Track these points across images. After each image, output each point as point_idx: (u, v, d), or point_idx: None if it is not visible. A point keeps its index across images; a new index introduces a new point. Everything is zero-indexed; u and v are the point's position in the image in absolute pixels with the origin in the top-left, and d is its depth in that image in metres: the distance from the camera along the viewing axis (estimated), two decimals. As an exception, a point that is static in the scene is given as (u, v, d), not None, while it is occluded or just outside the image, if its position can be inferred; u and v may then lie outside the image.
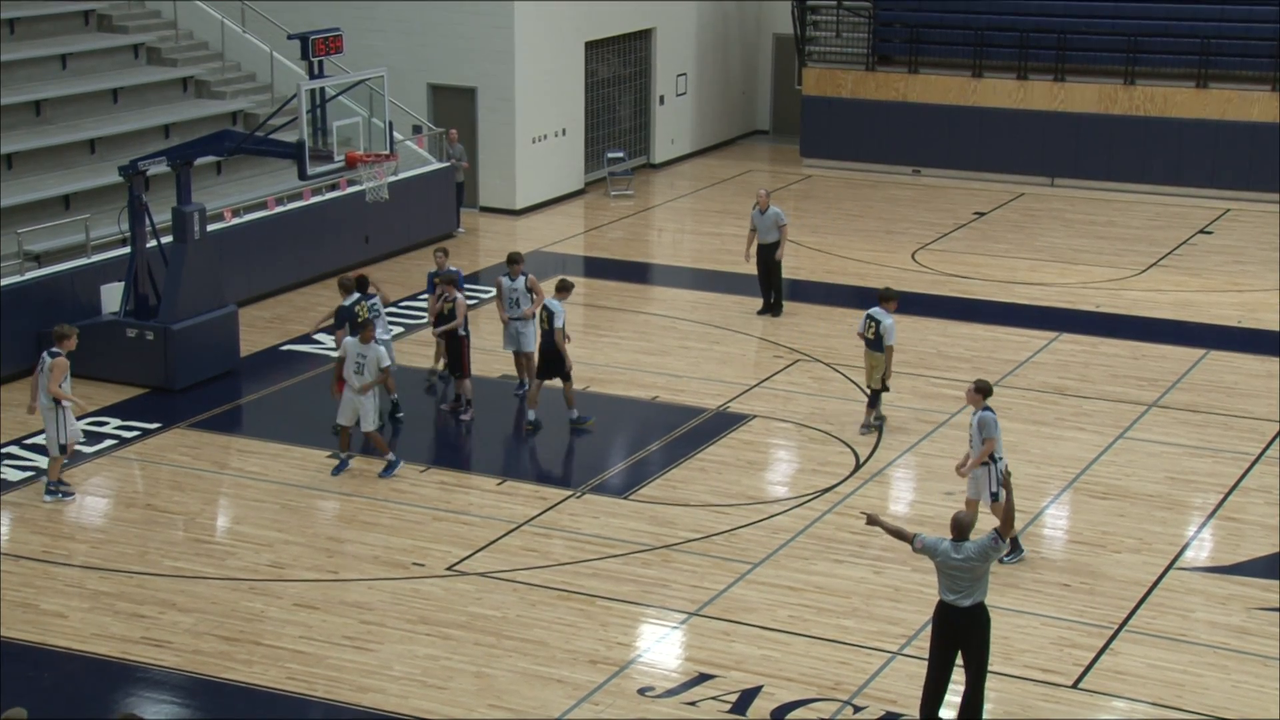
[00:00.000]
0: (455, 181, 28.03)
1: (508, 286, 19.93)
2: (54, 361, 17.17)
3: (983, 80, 32.35)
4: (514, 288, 19.93)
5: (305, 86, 19.96)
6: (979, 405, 15.82)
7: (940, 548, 12.58)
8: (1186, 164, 31.10)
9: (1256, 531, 16.80)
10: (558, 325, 18.93)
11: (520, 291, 19.92)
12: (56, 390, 17.10)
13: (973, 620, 12.63)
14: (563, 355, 19.04)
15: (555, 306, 19.01)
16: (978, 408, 15.83)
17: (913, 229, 28.87)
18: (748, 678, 13.79)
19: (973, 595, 12.59)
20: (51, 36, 26.63)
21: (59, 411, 17.19)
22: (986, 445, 15.61)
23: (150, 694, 13.56)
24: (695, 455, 18.65)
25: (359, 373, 17.71)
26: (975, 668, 12.77)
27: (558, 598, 15.19)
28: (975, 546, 12.51)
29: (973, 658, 12.74)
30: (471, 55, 29.23)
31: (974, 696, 12.81)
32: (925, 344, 22.03)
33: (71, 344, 17.38)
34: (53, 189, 23.30)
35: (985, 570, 12.61)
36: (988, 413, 15.74)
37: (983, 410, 15.77)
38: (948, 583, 12.60)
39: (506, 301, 19.95)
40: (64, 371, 17.17)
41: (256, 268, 23.95)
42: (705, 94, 35.02)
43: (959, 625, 12.63)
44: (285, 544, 16.32)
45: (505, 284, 19.96)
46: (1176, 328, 23.53)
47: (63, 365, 17.18)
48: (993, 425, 15.64)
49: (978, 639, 12.70)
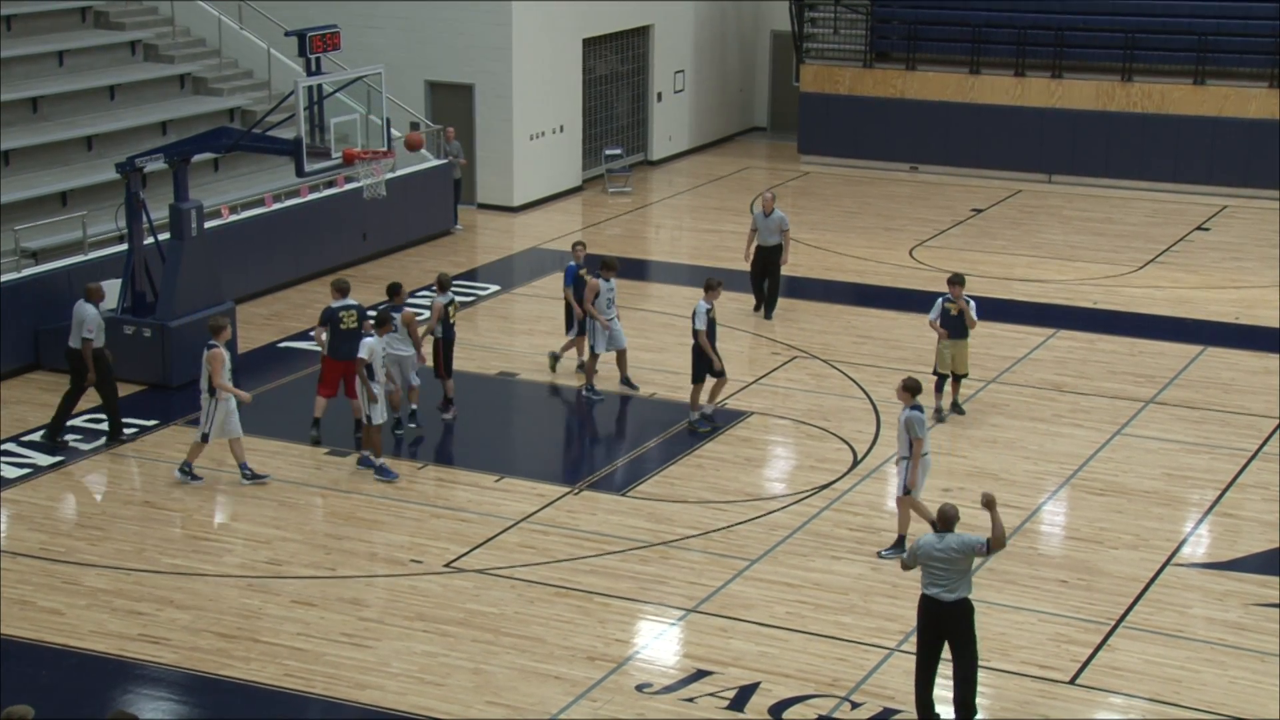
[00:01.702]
0: (453, 178, 28.02)
1: (605, 288, 19.87)
2: (209, 354, 17.18)
3: (980, 77, 32.36)
4: (610, 288, 19.91)
5: (303, 83, 19.96)
6: (907, 403, 15.81)
7: (922, 543, 12.68)
8: (1184, 161, 31.11)
9: (1253, 527, 16.81)
10: (699, 326, 18.79)
11: (615, 293, 20.03)
12: (220, 383, 17.10)
13: (958, 614, 12.70)
14: (708, 355, 18.88)
15: (698, 307, 18.92)
16: (906, 405, 15.82)
17: (910, 226, 28.87)
18: (745, 674, 13.80)
19: (956, 590, 12.64)
20: (49, 33, 26.62)
21: (213, 402, 17.21)
22: (916, 445, 15.63)
23: (148, 691, 13.56)
24: (693, 452, 18.65)
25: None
26: (966, 659, 12.82)
27: (555, 594, 15.20)
28: (957, 539, 12.58)
29: (961, 650, 12.80)
30: (469, 52, 29.23)
31: (968, 686, 12.85)
32: (922, 341, 22.01)
33: (226, 335, 17.38)
34: (50, 186, 23.29)
35: (968, 565, 12.67)
36: (915, 411, 15.73)
37: (910, 409, 15.75)
38: (930, 576, 12.68)
39: (604, 302, 19.88)
40: (221, 363, 17.15)
41: (254, 265, 23.94)
42: (703, 91, 35.01)
43: (944, 619, 12.69)
44: (283, 541, 16.32)
45: (602, 286, 19.88)
46: (1174, 324, 23.54)
47: (219, 357, 17.15)
48: (919, 424, 15.66)
49: (963, 632, 12.77)
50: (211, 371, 17.19)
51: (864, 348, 22.21)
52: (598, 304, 19.88)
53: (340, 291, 18.80)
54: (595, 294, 19.89)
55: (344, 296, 18.75)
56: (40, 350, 20.91)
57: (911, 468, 15.69)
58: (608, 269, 20.07)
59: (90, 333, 18.44)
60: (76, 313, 18.57)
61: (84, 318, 18.45)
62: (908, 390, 15.81)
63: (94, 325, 18.45)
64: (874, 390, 20.50)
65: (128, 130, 25.10)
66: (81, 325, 18.46)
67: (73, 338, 18.61)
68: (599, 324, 19.86)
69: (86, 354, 18.45)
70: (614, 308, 20.08)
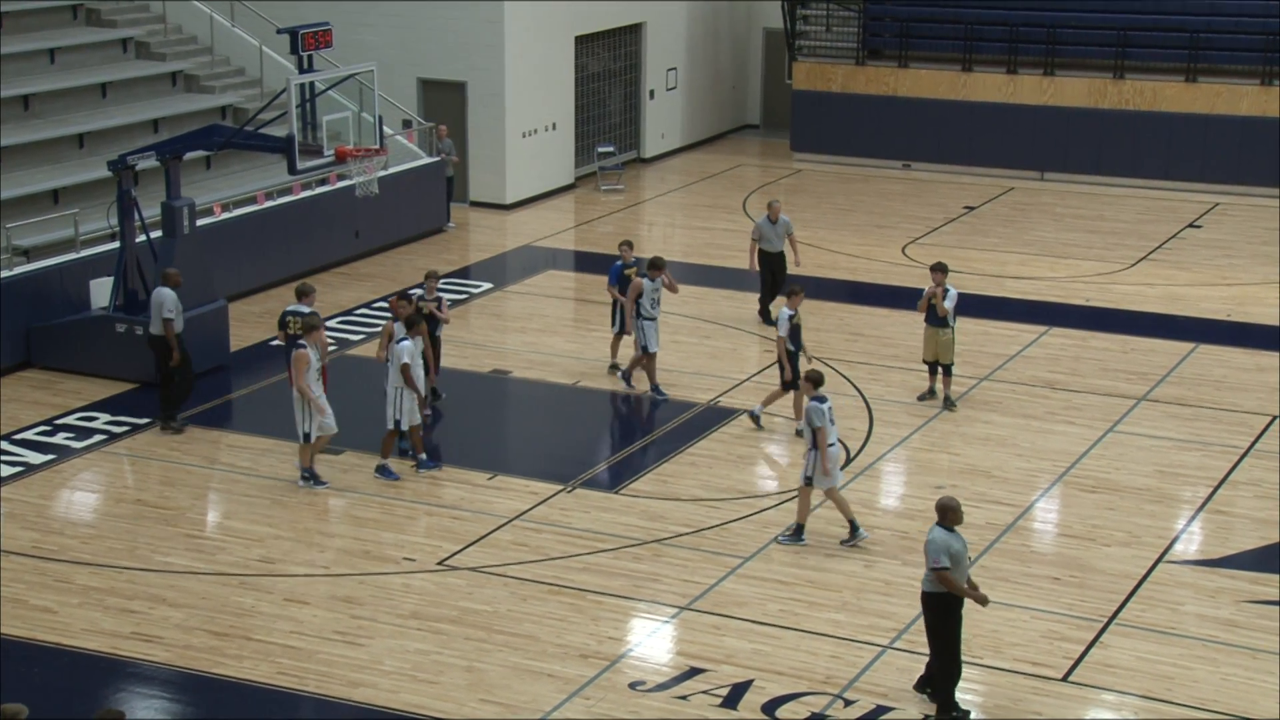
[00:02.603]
0: (445, 176, 28.01)
1: (649, 287, 19.85)
2: (295, 354, 17.10)
3: (972, 74, 32.37)
4: (655, 288, 19.89)
5: (295, 81, 19.95)
6: (810, 394, 16.10)
7: (954, 547, 12.78)
8: (1176, 158, 31.14)
9: (1245, 525, 16.84)
10: (781, 333, 18.75)
11: (661, 292, 20.01)
12: (302, 385, 17.01)
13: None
14: (782, 363, 18.82)
15: (780, 313, 18.85)
16: (809, 397, 16.08)
17: (903, 223, 28.89)
18: (739, 672, 13.80)
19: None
20: (40, 30, 26.58)
21: (305, 400, 17.16)
22: (818, 435, 15.84)
23: (140, 689, 13.55)
24: (686, 450, 18.66)
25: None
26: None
27: (549, 592, 15.19)
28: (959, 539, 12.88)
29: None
30: (461, 50, 29.21)
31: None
32: (915, 338, 22.00)
33: (318, 335, 17.24)
34: (41, 183, 23.26)
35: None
36: (814, 403, 15.97)
37: (811, 400, 16.01)
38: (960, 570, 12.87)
39: (648, 301, 19.83)
40: (305, 364, 17.02)
41: (246, 263, 23.91)
42: (695, 88, 35.01)
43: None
44: (276, 539, 16.31)
45: (646, 285, 19.86)
46: (1166, 321, 23.57)
47: (303, 358, 17.02)
48: (818, 415, 15.87)
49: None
50: (296, 374, 17.05)
51: (856, 345, 22.22)
52: (642, 303, 19.82)
53: (298, 294, 18.63)
54: (639, 293, 19.85)
55: (299, 300, 18.55)
56: (32, 348, 20.88)
57: (820, 458, 15.87)
58: (655, 268, 20.01)
59: (170, 313, 18.74)
60: (155, 298, 18.89)
61: (162, 301, 18.80)
62: (810, 382, 16.18)
63: (173, 307, 18.77)
64: (866, 388, 20.51)
65: (119, 128, 25.07)
66: (160, 309, 18.79)
67: (153, 324, 18.93)
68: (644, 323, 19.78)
69: (170, 335, 18.73)
70: (658, 307, 20.01)
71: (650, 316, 19.93)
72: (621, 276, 20.60)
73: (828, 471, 15.85)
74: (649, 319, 19.94)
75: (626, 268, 20.69)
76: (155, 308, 18.87)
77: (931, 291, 19.61)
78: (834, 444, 15.98)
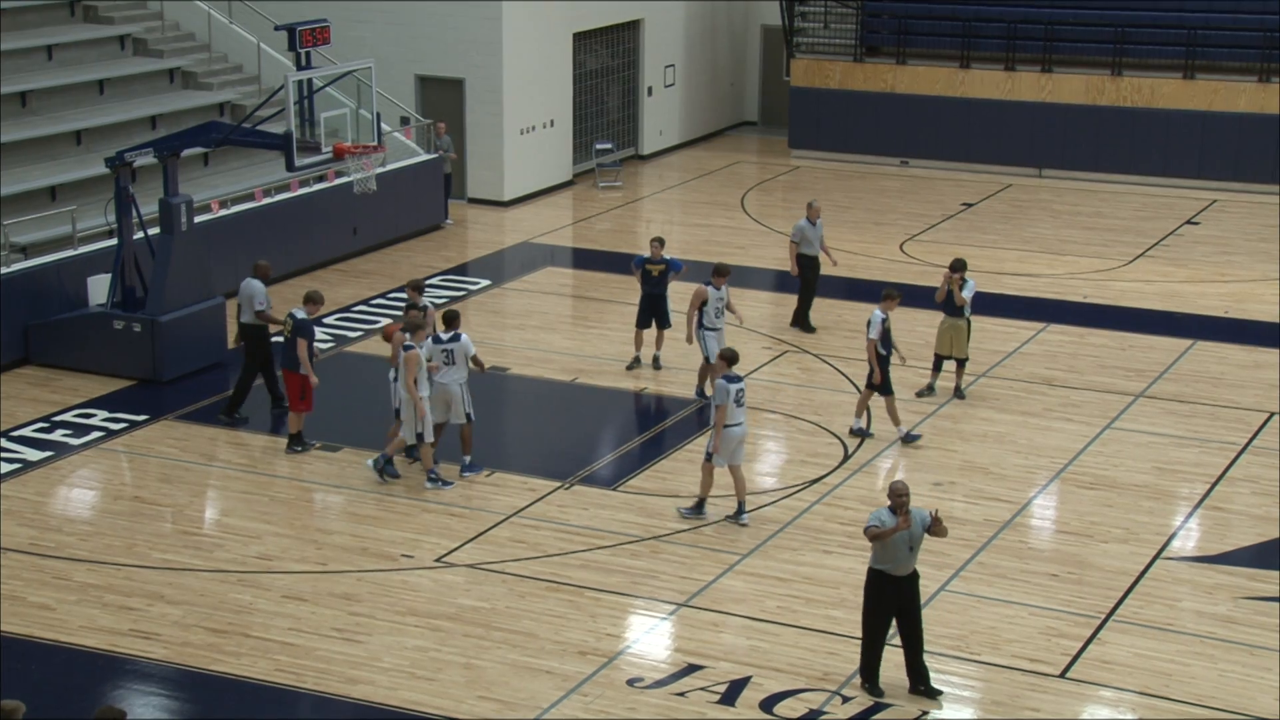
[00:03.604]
0: (443, 173, 28.00)
1: (713, 296, 19.46)
2: (406, 356, 16.99)
3: (970, 71, 32.38)
4: (720, 296, 19.49)
5: (293, 78, 19.94)
6: (723, 372, 16.41)
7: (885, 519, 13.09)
8: (1173, 155, 31.15)
9: (1243, 521, 16.84)
10: (871, 335, 18.42)
11: (725, 301, 19.56)
12: (411, 388, 16.92)
13: (912, 588, 13.23)
14: (872, 366, 18.50)
15: (873, 316, 18.52)
16: (721, 374, 16.42)
17: (901, 220, 28.89)
18: (736, 668, 13.81)
19: (911, 563, 13.16)
20: (37, 27, 26.56)
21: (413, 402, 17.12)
22: (718, 412, 16.15)
23: (138, 686, 13.55)
24: (683, 446, 18.66)
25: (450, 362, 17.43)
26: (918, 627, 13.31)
27: (547, 589, 15.20)
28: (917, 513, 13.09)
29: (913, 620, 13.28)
30: (459, 46, 29.20)
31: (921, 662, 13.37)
32: (914, 335, 22.03)
33: (424, 335, 17.12)
34: (39, 180, 23.24)
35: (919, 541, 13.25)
36: (722, 381, 16.29)
37: (722, 378, 16.34)
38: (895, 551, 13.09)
39: (712, 310, 19.44)
40: (416, 364, 16.89)
41: (244, 259, 23.79)
42: (693, 85, 35.00)
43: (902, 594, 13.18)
44: (274, 536, 16.31)
45: (711, 293, 19.47)
46: (1164, 318, 23.58)
47: (414, 359, 16.90)
48: (722, 393, 16.19)
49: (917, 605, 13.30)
50: (405, 376, 16.92)
51: (855, 342, 22.18)
52: (706, 311, 19.40)
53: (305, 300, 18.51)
54: (703, 300, 19.41)
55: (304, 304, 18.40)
56: (30, 345, 20.88)
57: (715, 435, 16.23)
58: (719, 275, 19.55)
59: (262, 304, 18.99)
60: (244, 290, 19.11)
61: (252, 293, 19.04)
62: (724, 360, 16.47)
63: (263, 299, 19.00)
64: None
65: (117, 125, 25.05)
66: (252, 300, 18.99)
67: (243, 314, 19.13)
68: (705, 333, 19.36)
69: (268, 323, 19.07)
70: (722, 317, 19.56)
71: (713, 327, 19.41)
72: (645, 269, 20.56)
73: (718, 449, 16.27)
74: (711, 330, 19.45)
75: (651, 264, 20.61)
76: (245, 300, 19.09)
77: (948, 278, 19.75)
78: (738, 425, 16.30)
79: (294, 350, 18.00)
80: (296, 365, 18.00)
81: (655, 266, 20.72)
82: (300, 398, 18.13)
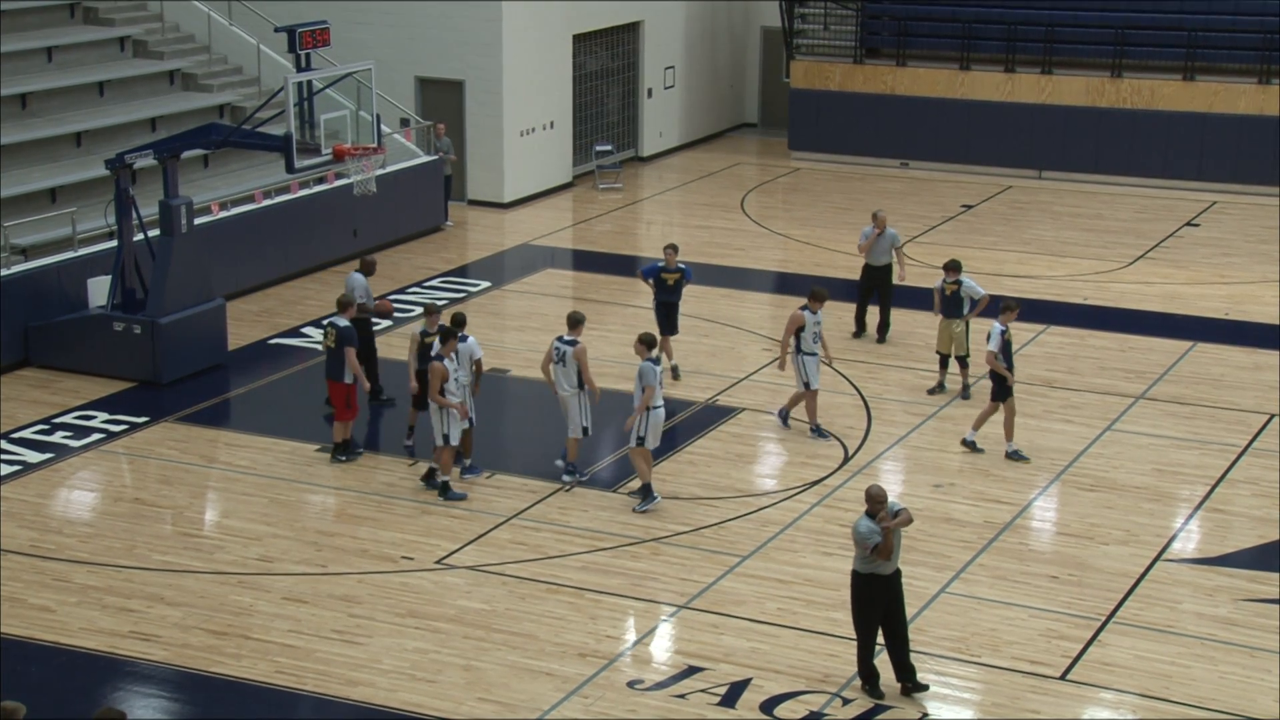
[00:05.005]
0: (443, 175, 28.00)
1: (810, 320, 18.80)
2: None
3: (970, 73, 32.38)
4: (817, 321, 18.81)
5: (292, 79, 19.94)
6: (643, 356, 16.74)
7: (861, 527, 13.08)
8: (1174, 157, 31.14)
9: (1243, 523, 16.84)
10: (991, 348, 18.02)
11: (822, 326, 18.94)
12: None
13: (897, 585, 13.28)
14: (1000, 374, 18.14)
15: (993, 328, 18.16)
16: (641, 358, 16.74)
17: (901, 222, 28.79)
18: (737, 670, 13.81)
19: (896, 560, 13.22)
20: (37, 29, 26.56)
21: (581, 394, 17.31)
22: (646, 393, 16.52)
23: (138, 688, 13.55)
24: (684, 448, 18.66)
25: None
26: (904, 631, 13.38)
27: (547, 591, 15.19)
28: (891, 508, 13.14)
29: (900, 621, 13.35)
30: (459, 48, 29.21)
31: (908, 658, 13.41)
32: (913, 337, 22.04)
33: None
34: (39, 182, 23.24)
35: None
36: (645, 363, 16.65)
37: (644, 361, 16.68)
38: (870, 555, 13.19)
39: (810, 335, 18.73)
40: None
41: (244, 261, 23.90)
42: (693, 87, 35.00)
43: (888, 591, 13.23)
44: (274, 538, 16.31)
45: (808, 319, 18.77)
46: (1164, 320, 23.58)
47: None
48: (650, 374, 16.55)
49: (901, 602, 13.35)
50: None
51: (854, 343, 22.21)
52: (803, 337, 18.76)
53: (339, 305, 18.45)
54: (800, 326, 18.71)
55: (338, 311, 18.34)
56: (30, 347, 20.87)
57: (644, 418, 16.61)
58: (816, 300, 18.83)
59: (363, 297, 19.16)
60: (349, 284, 19.23)
61: (354, 287, 19.13)
62: (643, 344, 16.80)
63: (363, 292, 19.18)
64: (864, 386, 20.52)
65: (117, 126, 25.05)
66: (353, 295, 18.96)
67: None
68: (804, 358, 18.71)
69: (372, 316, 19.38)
70: (819, 342, 18.84)
71: (810, 352, 18.79)
72: (658, 278, 20.53)
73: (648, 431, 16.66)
74: (809, 354, 18.83)
75: (665, 272, 20.57)
76: (348, 292, 19.08)
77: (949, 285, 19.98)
78: (660, 406, 16.67)
79: (340, 359, 17.89)
80: (342, 375, 17.90)
81: (671, 275, 20.60)
82: (346, 406, 18.07)
